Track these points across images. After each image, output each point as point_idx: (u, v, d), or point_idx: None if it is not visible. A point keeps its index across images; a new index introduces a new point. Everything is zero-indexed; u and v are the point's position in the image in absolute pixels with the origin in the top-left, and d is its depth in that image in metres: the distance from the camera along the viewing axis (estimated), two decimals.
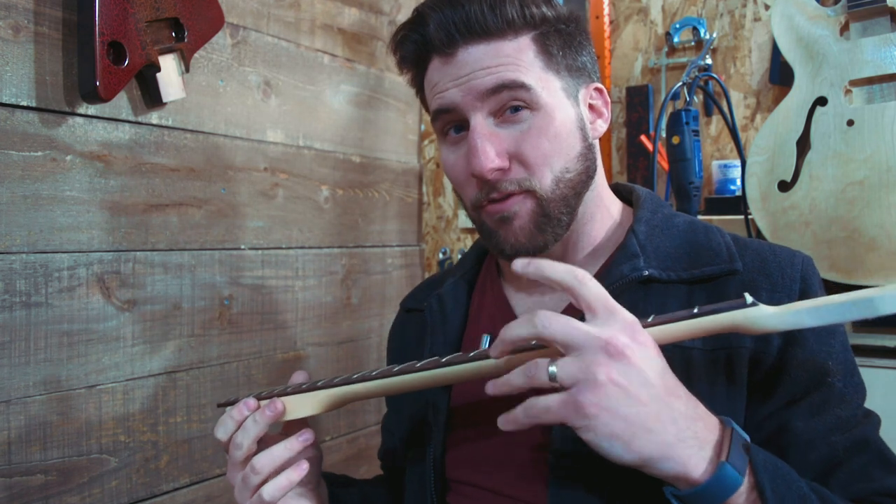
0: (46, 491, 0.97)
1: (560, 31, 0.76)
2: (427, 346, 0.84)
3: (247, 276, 1.28)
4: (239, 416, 0.73)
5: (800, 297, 0.70)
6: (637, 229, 0.77)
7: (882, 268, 1.11)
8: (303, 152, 1.41)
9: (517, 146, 0.73)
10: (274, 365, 1.34)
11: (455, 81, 0.73)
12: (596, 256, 0.80)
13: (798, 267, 0.73)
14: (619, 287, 0.72)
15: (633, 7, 1.62)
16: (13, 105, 0.94)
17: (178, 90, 1.11)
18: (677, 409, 0.57)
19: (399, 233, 1.69)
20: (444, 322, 0.85)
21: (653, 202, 0.81)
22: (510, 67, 0.72)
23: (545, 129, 0.73)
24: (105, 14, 0.96)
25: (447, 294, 0.87)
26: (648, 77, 1.60)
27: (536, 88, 0.73)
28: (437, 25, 0.73)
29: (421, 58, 0.78)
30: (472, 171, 0.73)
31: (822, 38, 1.18)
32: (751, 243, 0.76)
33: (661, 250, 0.75)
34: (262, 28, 1.32)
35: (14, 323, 0.94)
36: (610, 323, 0.57)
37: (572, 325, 0.57)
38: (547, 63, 0.74)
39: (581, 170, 0.76)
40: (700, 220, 0.81)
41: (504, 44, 0.72)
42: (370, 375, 0.71)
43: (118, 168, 1.07)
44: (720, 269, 0.73)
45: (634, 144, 1.60)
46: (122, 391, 1.07)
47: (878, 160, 1.11)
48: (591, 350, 0.56)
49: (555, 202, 0.74)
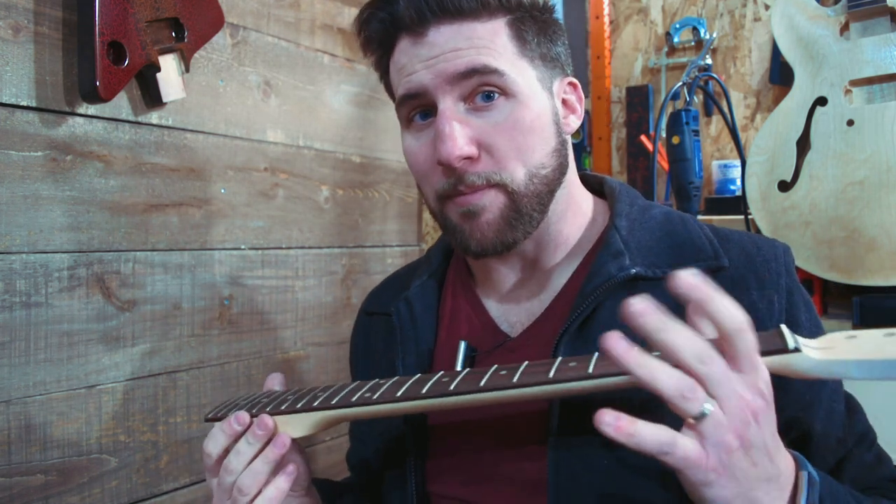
0: (46, 491, 0.97)
1: (535, 18, 0.72)
2: (398, 354, 0.80)
3: (247, 276, 1.28)
4: (231, 431, 0.68)
5: (787, 291, 0.70)
6: (618, 224, 0.73)
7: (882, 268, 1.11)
8: (303, 152, 1.41)
9: (488, 136, 0.69)
10: (274, 365, 1.34)
11: (424, 63, 0.69)
12: (572, 256, 0.77)
13: (781, 259, 0.71)
14: (607, 288, 0.69)
15: (633, 7, 1.62)
16: (13, 105, 0.94)
17: (178, 90, 1.11)
18: (774, 469, 0.53)
19: (399, 233, 1.69)
20: (415, 328, 0.80)
21: (628, 194, 0.78)
22: (483, 51, 0.68)
23: (519, 121, 0.69)
24: (105, 14, 0.96)
25: (415, 298, 0.82)
26: (648, 77, 1.60)
27: (510, 74, 0.69)
28: (408, 3, 0.69)
29: (388, 38, 0.74)
30: (437, 157, 0.68)
31: (822, 38, 1.18)
32: (731, 235, 0.74)
33: (643, 246, 0.72)
34: (262, 28, 1.32)
35: (14, 323, 0.94)
36: (753, 382, 0.50)
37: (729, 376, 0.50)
38: (521, 49, 0.71)
39: (556, 165, 0.73)
40: (674, 211, 0.78)
41: (477, 25, 0.69)
42: (371, 399, 0.64)
43: (118, 168, 1.07)
44: (707, 265, 0.70)
45: (634, 144, 1.60)
46: (122, 391, 1.07)
47: (878, 160, 1.11)
48: (738, 409, 0.49)
49: (528, 198, 0.70)
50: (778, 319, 0.68)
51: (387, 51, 0.75)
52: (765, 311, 0.68)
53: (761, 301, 0.69)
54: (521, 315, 0.77)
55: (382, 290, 0.94)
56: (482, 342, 0.77)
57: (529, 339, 0.74)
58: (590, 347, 0.68)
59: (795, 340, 0.52)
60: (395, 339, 0.81)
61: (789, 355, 0.52)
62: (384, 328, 0.85)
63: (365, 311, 0.94)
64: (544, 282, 0.77)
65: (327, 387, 0.71)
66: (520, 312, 0.77)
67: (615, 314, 0.69)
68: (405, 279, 0.89)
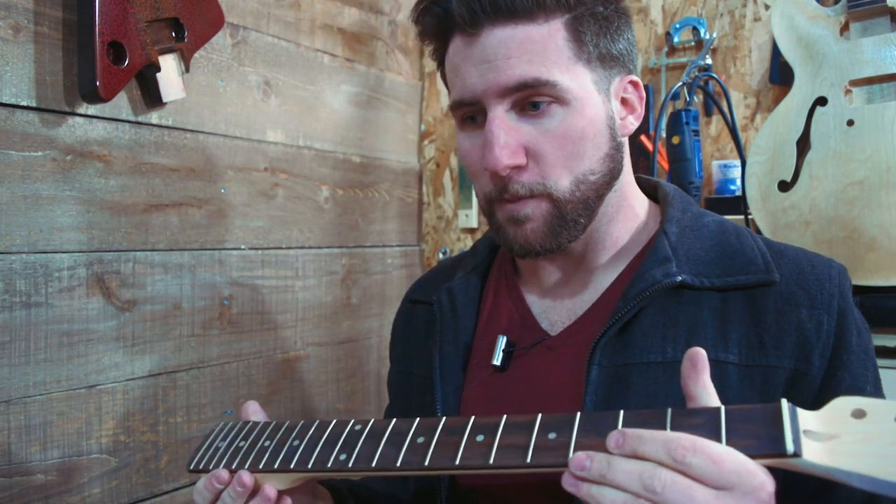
0: (46, 491, 0.97)
1: (596, 15, 0.69)
2: (437, 343, 0.80)
3: (247, 276, 1.28)
4: (213, 489, 0.66)
5: (839, 313, 0.68)
6: (668, 230, 0.72)
7: (882, 268, 1.11)
8: (303, 152, 1.41)
9: (537, 144, 0.68)
10: (274, 365, 1.34)
11: (477, 67, 0.68)
12: (619, 258, 0.76)
13: (836, 281, 0.69)
14: (651, 293, 0.68)
15: (633, 7, 1.62)
16: (13, 105, 0.94)
17: (178, 90, 1.11)
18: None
19: (399, 233, 1.69)
20: (455, 319, 0.81)
21: (682, 200, 0.77)
22: (535, 59, 0.67)
23: (570, 128, 0.68)
24: (105, 14, 0.96)
25: (458, 289, 0.83)
26: (648, 77, 1.60)
27: (563, 83, 0.67)
28: (461, 1, 0.67)
29: (442, 33, 0.72)
30: (484, 164, 0.69)
31: (822, 38, 1.18)
32: (786, 250, 0.72)
33: (692, 254, 0.71)
34: (262, 28, 1.32)
35: (14, 323, 0.94)
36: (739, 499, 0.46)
37: (697, 500, 0.46)
38: (578, 52, 0.68)
39: (606, 171, 0.72)
40: (729, 221, 0.76)
41: (532, 28, 0.67)
42: (370, 468, 0.60)
43: (118, 168, 1.07)
44: (756, 278, 0.69)
45: (634, 144, 1.60)
46: (122, 391, 1.07)
47: (878, 160, 1.11)
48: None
49: (573, 204, 0.70)
50: (825, 341, 0.67)
51: (443, 45, 0.74)
52: (813, 330, 0.67)
53: (810, 320, 0.67)
54: (563, 314, 0.77)
55: (428, 279, 0.94)
56: (521, 338, 0.77)
57: (568, 338, 0.74)
58: (629, 352, 0.68)
59: (795, 442, 0.46)
60: (435, 328, 0.82)
61: (788, 460, 0.47)
62: (426, 317, 0.86)
63: (409, 299, 0.94)
64: (588, 282, 0.77)
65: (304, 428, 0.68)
66: (561, 311, 0.77)
67: (657, 320, 0.68)
68: (451, 270, 0.89)
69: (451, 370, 0.78)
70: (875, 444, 0.45)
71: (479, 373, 0.78)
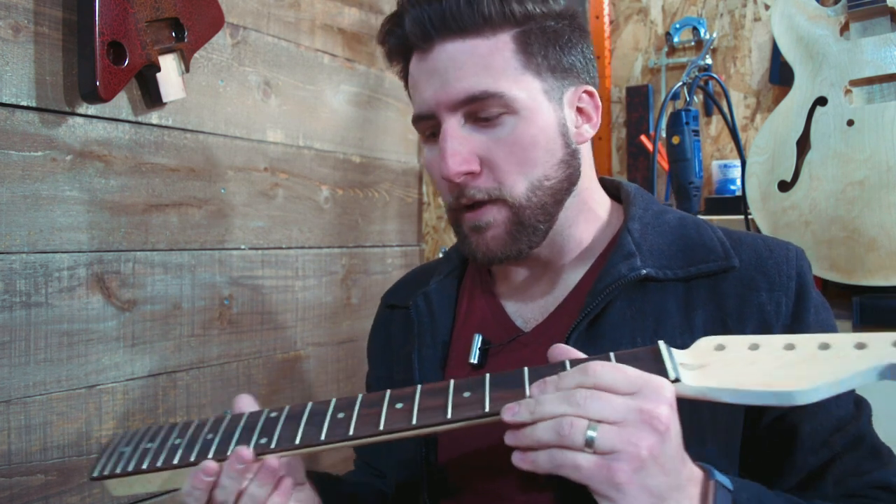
0: (46, 491, 0.97)
1: (545, 30, 0.73)
2: (415, 345, 0.83)
3: (247, 276, 1.28)
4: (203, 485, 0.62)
5: (796, 294, 0.71)
6: (631, 227, 0.75)
7: (882, 268, 1.11)
8: (303, 152, 1.41)
9: (489, 152, 0.71)
10: (274, 365, 1.34)
11: (430, 82, 0.72)
12: (585, 257, 0.79)
13: (794, 262, 0.73)
14: (618, 287, 0.71)
15: (633, 7, 1.62)
16: (13, 105, 0.94)
17: (178, 90, 1.11)
18: (684, 474, 0.55)
19: (399, 233, 1.69)
20: (433, 321, 0.83)
21: (643, 198, 0.80)
22: (482, 71, 0.70)
23: (521, 136, 0.71)
24: (105, 14, 0.96)
25: (434, 293, 0.85)
26: (648, 77, 1.60)
27: (511, 93, 0.70)
28: (413, 20, 0.71)
29: (403, 52, 0.77)
30: (441, 173, 0.72)
31: (822, 38, 1.18)
32: (744, 238, 0.76)
33: (655, 248, 0.74)
34: (262, 28, 1.32)
35: (14, 323, 0.94)
36: (650, 396, 0.53)
37: (615, 403, 0.53)
38: (526, 63, 0.72)
39: (563, 177, 0.74)
40: (689, 216, 0.80)
41: (480, 42, 0.70)
42: (294, 446, 0.61)
43: (118, 168, 1.07)
44: (717, 265, 0.72)
45: (634, 144, 1.60)
46: (122, 391, 1.07)
47: (878, 160, 1.11)
48: (635, 424, 0.52)
49: (530, 209, 0.72)
50: (784, 322, 0.70)
51: (405, 63, 0.79)
52: (772, 312, 0.70)
53: (770, 303, 0.70)
54: (535, 311, 0.80)
55: (403, 284, 0.97)
56: (496, 336, 0.80)
57: (541, 334, 0.77)
58: (600, 343, 0.71)
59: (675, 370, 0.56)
60: (413, 332, 0.84)
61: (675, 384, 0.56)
62: (403, 321, 0.89)
63: (386, 304, 0.97)
64: (557, 281, 0.80)
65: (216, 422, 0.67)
66: (534, 309, 0.80)
67: (625, 313, 0.72)
68: (425, 276, 0.92)
69: (431, 370, 0.81)
70: (735, 367, 0.56)
71: (457, 371, 0.80)
